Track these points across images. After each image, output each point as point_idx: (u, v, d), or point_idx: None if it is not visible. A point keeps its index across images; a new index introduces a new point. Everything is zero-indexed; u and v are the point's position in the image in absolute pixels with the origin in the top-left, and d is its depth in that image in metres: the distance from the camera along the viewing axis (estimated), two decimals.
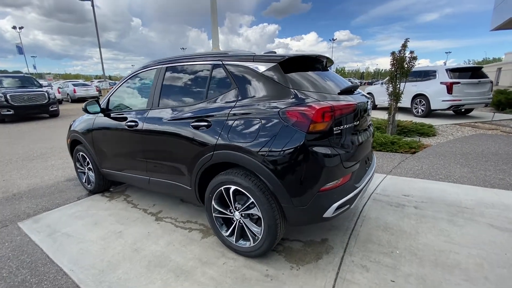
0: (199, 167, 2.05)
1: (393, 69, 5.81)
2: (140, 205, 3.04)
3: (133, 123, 2.52)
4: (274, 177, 1.66)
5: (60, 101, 15.87)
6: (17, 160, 5.16)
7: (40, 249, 2.26)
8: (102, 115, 2.94)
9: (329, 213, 1.68)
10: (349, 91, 2.01)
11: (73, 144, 3.51)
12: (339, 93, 1.87)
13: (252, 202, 1.82)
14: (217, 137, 1.90)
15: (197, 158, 2.05)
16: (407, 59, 5.66)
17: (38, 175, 4.27)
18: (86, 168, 3.44)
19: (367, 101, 2.12)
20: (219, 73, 2.06)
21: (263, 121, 1.72)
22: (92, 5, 15.35)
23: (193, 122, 2.06)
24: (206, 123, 1.98)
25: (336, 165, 1.67)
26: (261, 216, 1.79)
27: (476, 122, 7.62)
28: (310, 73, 1.98)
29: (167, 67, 2.43)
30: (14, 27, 40.65)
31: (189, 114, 2.12)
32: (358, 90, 2.24)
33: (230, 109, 1.89)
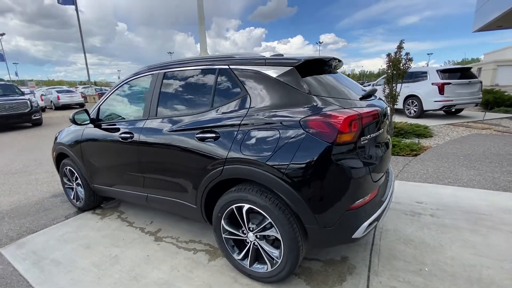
0: (206, 183, 1.84)
1: (389, 71, 5.78)
2: (136, 223, 2.78)
3: (128, 135, 2.28)
4: (296, 195, 1.47)
5: (43, 109, 15.19)
6: None
7: (26, 281, 1.99)
8: (92, 125, 2.68)
9: (359, 233, 1.51)
10: (368, 96, 1.86)
11: (59, 158, 3.21)
12: (360, 99, 1.71)
13: (270, 223, 1.62)
14: (227, 150, 1.70)
15: (203, 173, 1.84)
16: (403, 60, 5.64)
17: (21, 191, 3.92)
18: (74, 184, 3.15)
19: (386, 107, 1.97)
20: (226, 78, 1.87)
21: (281, 132, 1.53)
22: (76, 10, 14.84)
23: (198, 134, 1.85)
24: (213, 135, 1.78)
25: (365, 179, 1.50)
26: (281, 238, 1.59)
27: (468, 122, 7.71)
28: (324, 76, 1.81)
29: (165, 72, 2.21)
30: None
31: (192, 125, 1.91)
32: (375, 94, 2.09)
33: (241, 119, 1.69)
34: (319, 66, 1.84)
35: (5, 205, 3.45)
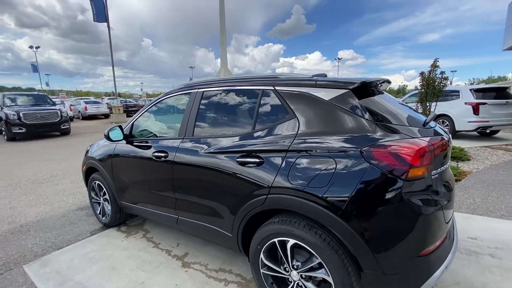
0: (246, 211, 1.69)
1: (422, 90, 5.52)
2: (162, 245, 2.66)
3: (162, 154, 2.20)
4: (356, 236, 1.29)
5: (71, 118, 15.92)
6: (26, 183, 4.87)
7: None
8: (125, 142, 2.64)
9: (429, 284, 1.28)
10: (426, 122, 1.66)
11: (89, 172, 3.20)
12: (423, 125, 1.52)
13: (319, 263, 1.43)
14: (273, 177, 1.55)
15: (243, 200, 1.70)
16: (438, 79, 5.39)
17: (48, 202, 3.95)
18: (101, 199, 3.10)
19: (450, 135, 1.76)
20: (271, 100, 1.75)
21: (337, 161, 1.37)
22: (108, 27, 15.73)
23: (239, 157, 1.73)
24: (256, 160, 1.64)
25: (439, 220, 1.30)
26: (332, 282, 1.40)
27: (507, 145, 7.16)
28: (378, 99, 1.64)
29: (204, 91, 2.14)
30: (30, 47, 42.41)
31: (232, 147, 1.79)
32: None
33: (289, 144, 1.55)
34: (372, 87, 1.68)
35: (31, 216, 3.46)
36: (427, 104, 5.49)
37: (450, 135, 1.70)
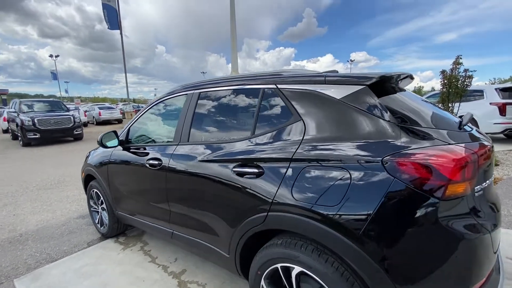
0: (244, 230, 1.46)
1: (444, 89, 5.12)
2: (160, 259, 2.45)
3: (156, 161, 2.01)
4: (377, 268, 1.02)
5: (85, 124, 16.27)
6: (33, 189, 4.85)
7: None
8: (121, 148, 2.47)
9: None
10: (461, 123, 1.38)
11: (88, 179, 3.06)
12: (459, 128, 1.24)
13: None
14: (274, 191, 1.31)
15: (240, 217, 1.46)
16: (461, 78, 4.97)
17: (51, 209, 3.87)
18: (99, 208, 2.95)
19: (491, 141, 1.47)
20: (273, 100, 1.52)
21: (352, 174, 1.12)
22: (121, 33, 16.08)
23: (236, 167, 1.50)
24: (255, 170, 1.41)
25: (487, 249, 1.02)
26: None
27: None
28: (400, 97, 1.38)
29: (200, 92, 1.93)
30: (50, 56, 44.25)
31: (229, 155, 1.57)
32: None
33: (292, 152, 1.31)
34: (393, 83, 1.42)
35: (32, 224, 3.36)
36: (450, 105, 5.08)
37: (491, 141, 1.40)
